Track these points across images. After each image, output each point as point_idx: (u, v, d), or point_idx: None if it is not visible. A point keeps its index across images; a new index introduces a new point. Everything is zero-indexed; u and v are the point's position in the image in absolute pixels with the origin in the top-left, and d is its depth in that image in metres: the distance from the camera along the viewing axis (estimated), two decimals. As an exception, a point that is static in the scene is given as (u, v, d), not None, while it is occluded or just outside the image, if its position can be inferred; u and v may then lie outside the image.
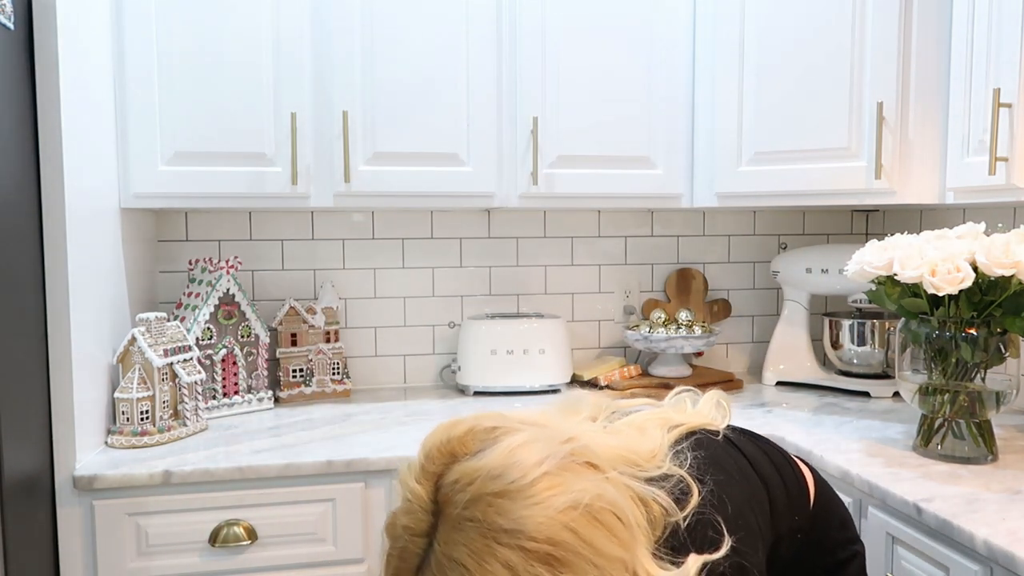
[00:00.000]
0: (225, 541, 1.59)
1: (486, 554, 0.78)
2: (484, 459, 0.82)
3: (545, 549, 0.77)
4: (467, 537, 0.79)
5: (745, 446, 1.07)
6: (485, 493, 0.80)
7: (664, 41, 2.06)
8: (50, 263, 1.52)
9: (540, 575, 0.77)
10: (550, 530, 0.78)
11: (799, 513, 1.07)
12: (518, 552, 0.77)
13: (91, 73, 1.68)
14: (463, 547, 0.78)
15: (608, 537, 0.80)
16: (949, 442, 1.57)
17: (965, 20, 1.66)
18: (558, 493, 0.80)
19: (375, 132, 1.93)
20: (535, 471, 0.81)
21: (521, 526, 0.78)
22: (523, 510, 0.79)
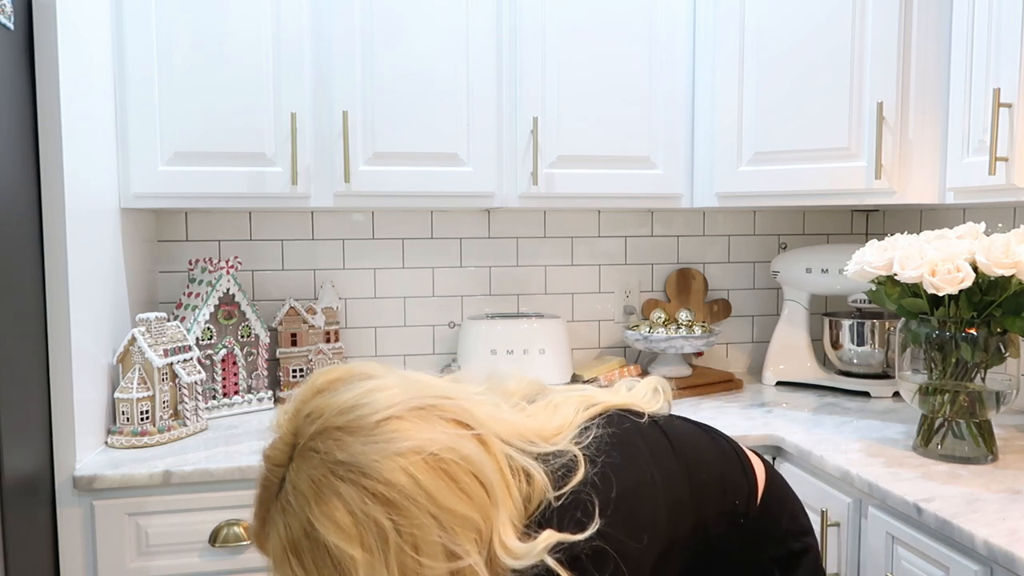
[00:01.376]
0: (225, 541, 1.59)
1: (325, 487, 0.79)
2: (338, 395, 0.84)
3: (380, 489, 0.78)
4: (311, 468, 0.80)
5: (673, 429, 1.05)
6: (331, 426, 0.81)
7: (664, 41, 2.06)
8: (50, 263, 1.52)
9: (375, 516, 0.77)
10: (387, 471, 0.78)
11: (739, 498, 1.05)
12: (354, 488, 0.78)
13: (91, 73, 1.68)
14: (307, 477, 0.80)
15: (455, 493, 0.80)
16: (949, 442, 1.57)
17: (965, 20, 1.66)
18: (402, 437, 0.81)
19: (375, 132, 1.93)
20: (384, 412, 0.82)
21: (358, 462, 0.79)
22: (363, 446, 0.80)
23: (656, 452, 0.99)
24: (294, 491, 0.81)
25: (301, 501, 0.80)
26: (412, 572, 0.78)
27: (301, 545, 0.79)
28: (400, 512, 0.78)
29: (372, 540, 0.77)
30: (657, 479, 0.96)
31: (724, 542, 1.06)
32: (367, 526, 0.77)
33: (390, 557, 0.78)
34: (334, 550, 0.78)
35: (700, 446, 1.08)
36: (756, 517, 1.09)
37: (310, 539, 0.79)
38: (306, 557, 0.79)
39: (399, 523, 0.78)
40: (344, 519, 0.78)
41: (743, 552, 1.08)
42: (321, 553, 0.78)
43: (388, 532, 0.78)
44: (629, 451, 0.96)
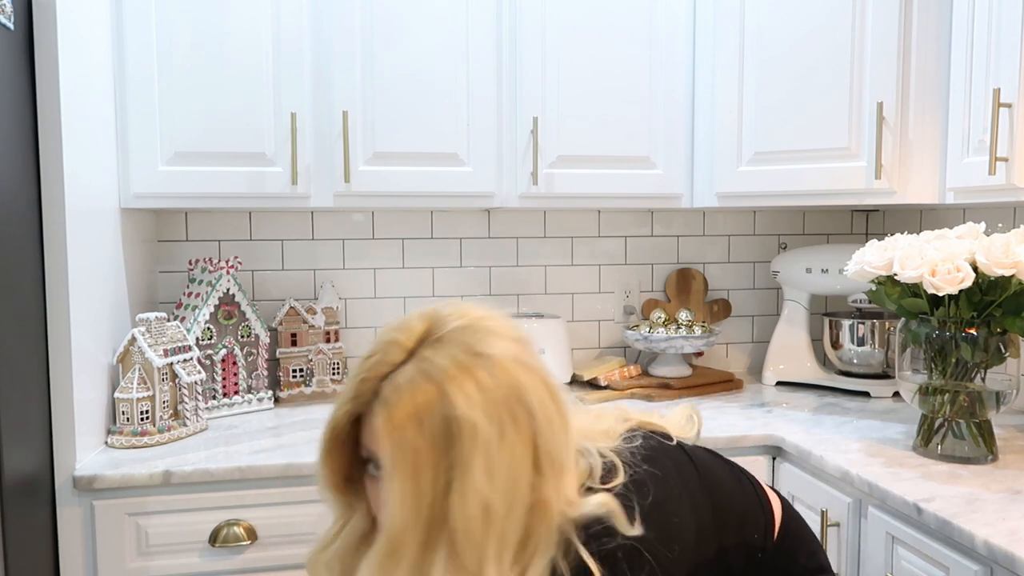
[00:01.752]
0: (225, 541, 1.59)
1: (465, 368, 0.86)
2: (478, 310, 0.93)
3: (513, 386, 0.87)
4: (453, 350, 0.87)
5: (699, 457, 1.09)
6: (476, 325, 0.90)
7: (664, 41, 2.06)
8: (50, 263, 1.52)
9: (499, 408, 0.85)
10: (521, 377, 0.88)
11: (757, 532, 1.08)
12: (490, 378, 0.86)
13: (91, 73, 1.68)
14: (446, 356, 0.87)
15: (559, 426, 0.89)
16: (949, 442, 1.57)
17: (965, 20, 1.66)
18: (531, 359, 0.91)
19: (375, 132, 1.93)
20: (520, 335, 0.93)
21: (501, 359, 0.87)
22: (505, 347, 0.89)
23: (683, 474, 1.03)
24: (431, 365, 0.86)
25: (438, 374, 0.85)
26: (516, 465, 0.85)
27: (425, 415, 0.84)
28: (521, 411, 0.86)
29: (495, 423, 0.85)
30: (684, 498, 0.99)
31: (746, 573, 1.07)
32: (492, 413, 0.85)
33: (504, 443, 0.85)
34: (463, 421, 0.84)
35: (722, 477, 1.10)
36: (773, 553, 1.10)
37: (436, 411, 0.84)
38: (426, 427, 0.84)
39: (517, 419, 0.86)
40: (477, 397, 0.85)
41: None
42: (445, 424, 0.84)
43: (507, 423, 0.85)
44: (660, 467, 1.00)
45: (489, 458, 0.84)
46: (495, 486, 0.84)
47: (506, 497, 0.84)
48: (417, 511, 0.84)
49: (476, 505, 0.83)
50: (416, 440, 0.84)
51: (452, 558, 0.84)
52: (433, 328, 0.90)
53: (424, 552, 0.85)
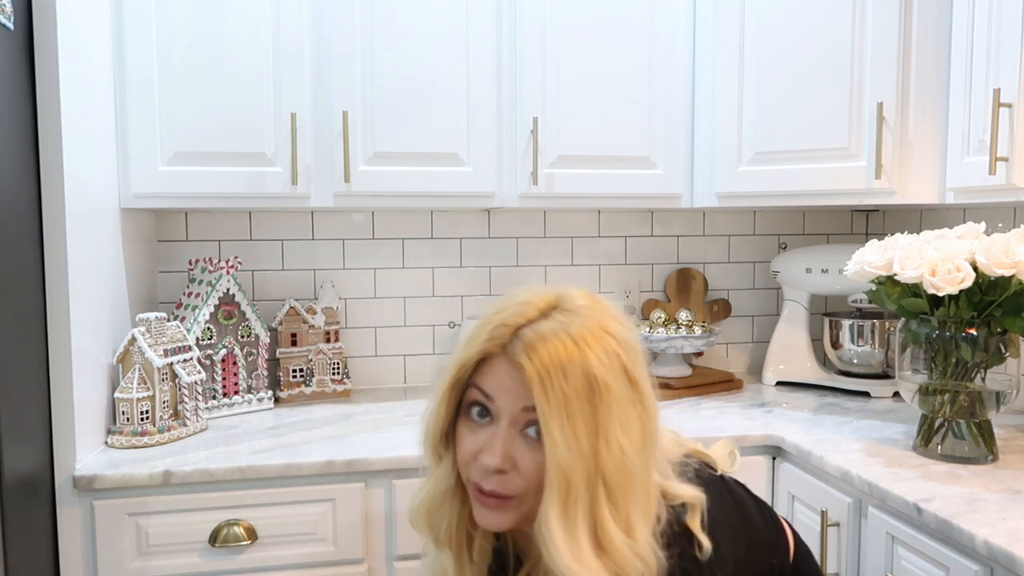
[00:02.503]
0: (225, 541, 1.59)
1: (598, 335, 0.93)
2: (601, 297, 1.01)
3: (635, 359, 0.95)
4: (584, 320, 0.94)
5: (736, 490, 1.13)
6: (599, 304, 0.98)
7: (664, 41, 2.06)
8: (50, 263, 1.52)
9: (628, 371, 0.93)
10: (635, 360, 0.95)
11: (776, 559, 1.12)
12: (619, 347, 0.93)
13: (91, 73, 1.68)
14: (580, 324, 0.93)
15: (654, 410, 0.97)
16: (949, 442, 1.57)
17: (965, 20, 1.66)
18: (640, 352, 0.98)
19: (375, 132, 1.93)
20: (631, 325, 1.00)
21: (626, 334, 0.96)
22: (625, 326, 0.97)
23: (725, 505, 1.06)
24: (567, 325, 0.93)
25: (575, 334, 0.92)
26: (636, 431, 0.93)
27: (568, 366, 0.91)
28: (633, 393, 0.93)
29: (624, 383, 0.93)
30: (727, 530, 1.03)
31: None
32: (621, 374, 0.93)
33: (632, 402, 0.93)
34: (597, 378, 0.91)
35: (753, 510, 1.14)
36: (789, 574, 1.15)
37: (576, 364, 0.91)
38: (570, 376, 0.90)
39: (633, 399, 0.93)
40: (608, 363, 0.92)
41: None
42: (583, 378, 0.91)
43: (631, 387, 0.93)
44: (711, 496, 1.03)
45: (622, 417, 0.91)
46: (631, 442, 0.91)
47: (639, 456, 0.91)
48: (578, 453, 0.89)
49: (620, 458, 0.90)
50: (564, 387, 0.90)
51: (612, 507, 0.90)
52: (562, 301, 0.96)
53: (592, 497, 0.90)
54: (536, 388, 0.89)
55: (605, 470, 0.89)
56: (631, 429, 0.91)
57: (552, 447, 0.89)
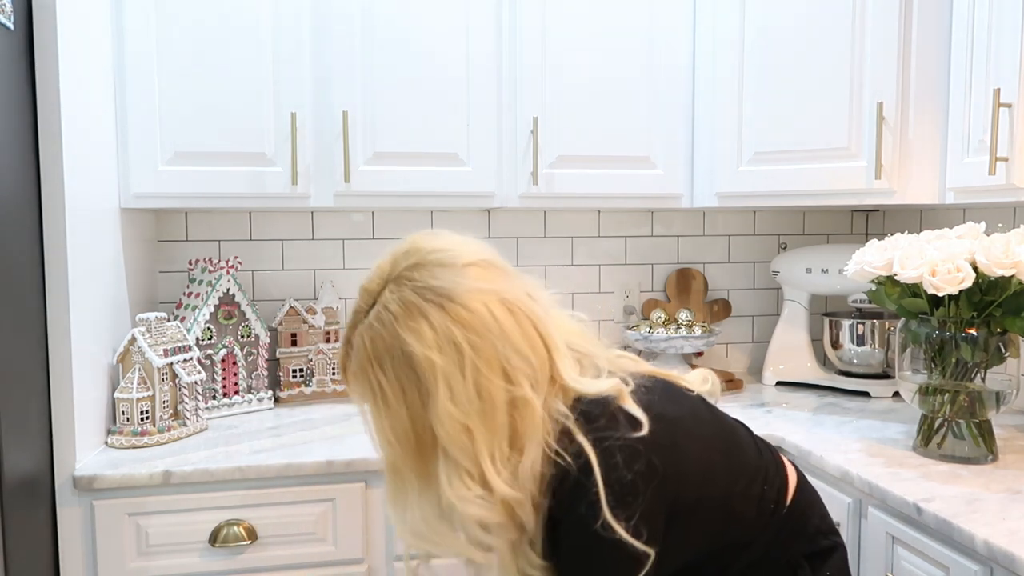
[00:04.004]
0: (225, 541, 1.59)
1: (414, 307, 0.96)
2: (434, 241, 1.02)
3: (462, 314, 0.95)
4: (403, 292, 0.97)
5: (717, 410, 1.15)
6: (425, 261, 0.99)
7: (664, 41, 2.06)
8: (50, 263, 1.52)
9: (454, 334, 0.94)
10: (470, 300, 0.96)
11: (768, 486, 1.11)
12: (439, 310, 0.95)
13: (91, 73, 1.68)
14: (397, 299, 0.97)
15: (520, 334, 0.97)
16: (949, 442, 1.57)
17: (965, 20, 1.66)
18: (485, 279, 0.99)
19: (375, 132, 1.93)
20: (471, 257, 1.01)
21: (447, 290, 0.96)
22: (451, 279, 0.97)
23: (697, 413, 1.08)
24: (384, 311, 0.97)
25: (389, 318, 0.96)
26: (482, 384, 0.94)
27: (385, 356, 0.96)
28: (475, 334, 0.95)
29: (450, 352, 0.94)
30: (694, 432, 1.04)
31: (756, 532, 1.09)
32: (446, 341, 0.95)
33: (465, 368, 0.94)
34: (416, 358, 0.94)
35: (741, 432, 1.15)
36: (787, 514, 1.12)
37: (394, 350, 0.96)
38: (387, 366, 0.96)
39: (472, 343, 0.95)
40: (428, 333, 0.95)
41: (777, 545, 1.11)
42: (403, 361, 0.95)
43: (464, 348, 0.94)
44: (673, 397, 1.07)
45: (451, 386, 0.94)
46: (464, 408, 0.94)
47: (479, 413, 0.94)
48: (405, 437, 0.96)
49: (453, 425, 0.94)
50: (380, 377, 0.96)
51: (451, 465, 0.95)
52: (394, 268, 1.00)
53: (425, 468, 0.96)
54: (355, 390, 0.99)
55: (440, 438, 0.95)
56: (465, 391, 0.94)
57: (379, 439, 0.99)
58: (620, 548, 0.92)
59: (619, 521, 0.91)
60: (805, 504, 1.16)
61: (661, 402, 1.02)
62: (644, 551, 0.93)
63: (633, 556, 0.93)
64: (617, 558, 0.93)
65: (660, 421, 0.98)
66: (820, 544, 1.14)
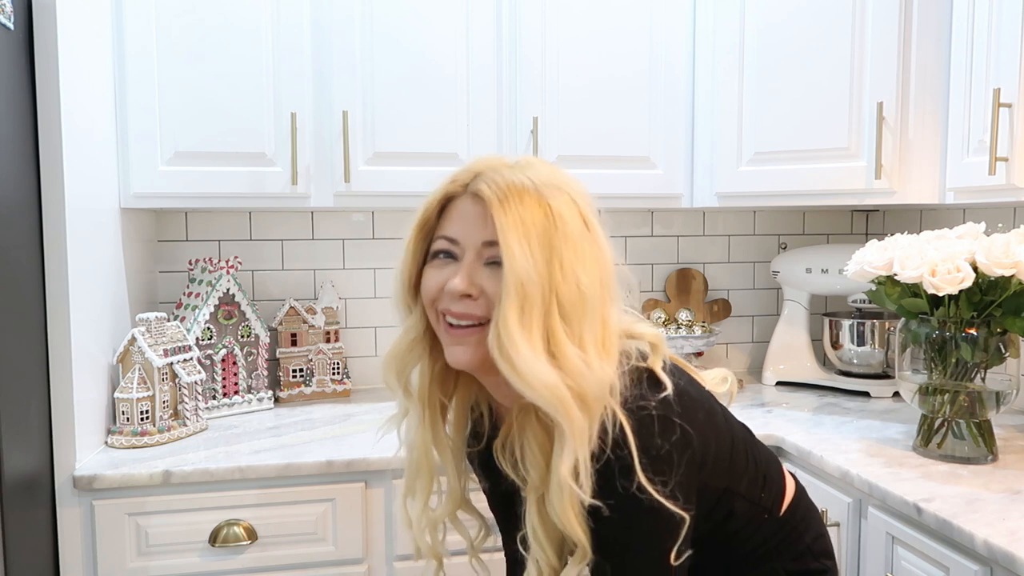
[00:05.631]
0: (225, 541, 1.59)
1: (554, 186, 1.00)
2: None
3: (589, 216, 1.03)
4: (542, 175, 1.01)
5: (728, 411, 1.13)
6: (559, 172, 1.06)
7: (664, 41, 2.06)
8: (50, 263, 1.52)
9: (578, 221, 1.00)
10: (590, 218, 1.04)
11: (765, 492, 1.10)
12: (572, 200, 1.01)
13: (91, 73, 1.68)
14: (537, 174, 1.01)
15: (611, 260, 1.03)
16: (949, 442, 1.57)
17: (965, 20, 1.66)
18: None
19: (375, 132, 1.93)
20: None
21: (580, 190, 1.05)
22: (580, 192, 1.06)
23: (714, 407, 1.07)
24: (523, 174, 0.99)
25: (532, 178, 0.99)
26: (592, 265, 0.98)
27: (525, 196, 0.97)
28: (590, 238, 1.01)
29: (580, 225, 1.00)
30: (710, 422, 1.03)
31: (746, 528, 1.08)
32: (577, 219, 1.00)
33: (585, 244, 0.99)
34: (553, 212, 0.97)
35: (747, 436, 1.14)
36: (780, 522, 1.11)
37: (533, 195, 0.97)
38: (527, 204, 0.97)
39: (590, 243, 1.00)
40: (564, 203, 1.00)
41: (763, 549, 1.10)
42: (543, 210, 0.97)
43: (585, 234, 1.00)
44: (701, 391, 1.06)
45: (577, 250, 0.96)
46: (585, 272, 0.96)
47: (593, 288, 0.96)
48: (534, 267, 0.93)
49: (574, 283, 0.94)
50: (521, 211, 0.95)
51: (566, 324, 0.94)
52: (520, 162, 1.02)
53: (546, 311, 0.94)
54: (495, 207, 0.95)
55: (559, 290, 0.93)
56: (586, 261, 0.96)
57: (510, 260, 0.92)
58: (657, 513, 0.91)
59: (654, 485, 0.90)
60: (799, 519, 1.14)
61: (687, 383, 1.02)
62: (681, 515, 0.91)
63: (670, 521, 0.91)
64: (655, 523, 0.91)
65: (686, 397, 0.98)
66: (808, 564, 1.12)
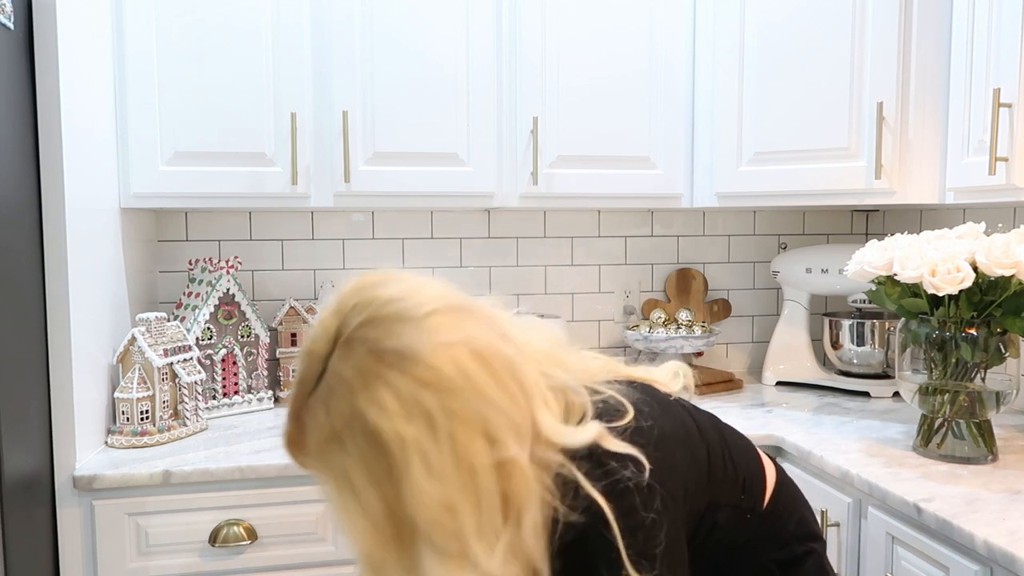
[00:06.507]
0: (225, 541, 1.59)
1: (372, 374, 0.81)
2: (386, 289, 0.86)
3: (428, 375, 0.80)
4: (357, 357, 0.82)
5: (698, 412, 1.09)
6: (380, 316, 0.83)
7: (664, 41, 2.06)
8: (50, 263, 1.52)
9: (422, 400, 0.80)
10: (436, 358, 0.81)
11: (746, 493, 1.07)
12: (402, 374, 0.80)
13: (91, 73, 1.68)
14: (352, 366, 0.81)
15: (496, 386, 0.83)
16: (949, 442, 1.57)
17: (965, 20, 1.66)
18: (449, 329, 0.83)
19: (375, 132, 1.93)
20: (431, 305, 0.85)
21: (409, 350, 0.81)
22: (412, 334, 0.82)
23: (684, 422, 1.03)
24: (338, 380, 0.82)
25: (345, 389, 0.81)
26: (461, 453, 0.81)
27: (344, 433, 0.81)
28: (446, 397, 0.81)
29: (420, 422, 0.80)
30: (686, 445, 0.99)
31: (730, 534, 1.07)
32: (414, 410, 0.80)
33: (439, 437, 0.80)
34: (382, 434, 0.79)
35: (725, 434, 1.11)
36: (763, 517, 1.10)
37: (354, 426, 0.81)
38: (349, 445, 0.81)
39: (446, 407, 0.80)
40: (392, 404, 0.80)
41: (746, 549, 1.09)
42: (367, 438, 0.80)
43: (435, 415, 0.80)
44: (664, 407, 1.00)
45: (426, 459, 0.79)
46: (444, 482, 0.79)
47: (461, 485, 0.80)
48: (378, 526, 0.81)
49: (433, 505, 0.79)
50: (342, 459, 0.81)
51: (435, 551, 0.80)
52: (342, 326, 0.84)
53: (406, 556, 0.82)
54: (317, 475, 0.85)
55: (419, 522, 0.80)
56: (443, 463, 0.80)
57: (350, 531, 0.83)
58: None
59: (643, 573, 0.84)
60: (782, 509, 1.12)
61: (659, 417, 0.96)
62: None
63: None
64: None
65: (660, 443, 0.91)
66: (794, 551, 1.10)
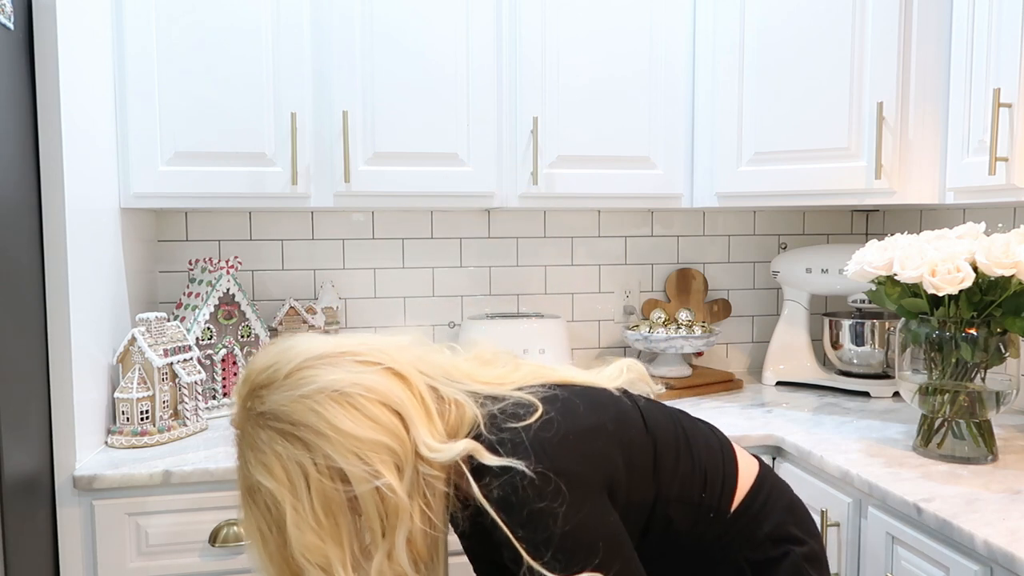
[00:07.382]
0: (225, 541, 1.59)
1: (253, 437, 0.93)
2: (261, 358, 0.97)
3: (290, 430, 0.89)
4: (246, 427, 0.95)
5: (649, 407, 1.10)
6: (255, 386, 0.95)
7: (664, 41, 2.06)
8: (50, 263, 1.52)
9: (292, 454, 0.89)
10: (295, 412, 0.90)
11: (706, 491, 1.07)
12: (270, 432, 0.91)
13: (91, 73, 1.68)
14: (243, 433, 0.95)
15: (363, 422, 0.90)
16: (949, 442, 1.57)
17: (965, 20, 1.66)
18: (309, 381, 0.91)
19: (375, 132, 1.93)
20: (293, 364, 0.93)
21: (272, 410, 0.91)
22: (275, 395, 0.92)
23: (618, 418, 1.04)
24: (239, 447, 0.96)
25: (240, 453, 0.96)
26: (335, 499, 0.89)
27: (245, 491, 0.95)
28: (312, 447, 0.89)
29: (295, 476, 0.89)
30: (615, 434, 1.00)
31: (695, 531, 1.07)
32: (288, 465, 0.89)
33: (312, 488, 0.89)
34: (267, 492, 0.90)
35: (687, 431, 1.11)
36: (733, 516, 1.09)
37: (251, 484, 0.93)
38: (251, 501, 0.94)
39: (315, 456, 0.89)
40: (270, 461, 0.90)
41: (717, 545, 1.09)
42: (261, 495, 0.92)
43: (307, 466, 0.89)
44: (595, 404, 1.03)
45: (296, 511, 0.89)
46: (312, 530, 0.88)
47: (329, 530, 0.89)
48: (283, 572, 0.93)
49: (308, 552, 0.89)
50: (253, 512, 0.94)
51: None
52: (242, 402, 0.98)
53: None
54: None
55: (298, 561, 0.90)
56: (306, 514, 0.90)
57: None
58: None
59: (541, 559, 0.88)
60: (758, 510, 1.11)
61: (577, 413, 0.99)
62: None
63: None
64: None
65: (572, 435, 0.96)
66: (768, 552, 1.10)
